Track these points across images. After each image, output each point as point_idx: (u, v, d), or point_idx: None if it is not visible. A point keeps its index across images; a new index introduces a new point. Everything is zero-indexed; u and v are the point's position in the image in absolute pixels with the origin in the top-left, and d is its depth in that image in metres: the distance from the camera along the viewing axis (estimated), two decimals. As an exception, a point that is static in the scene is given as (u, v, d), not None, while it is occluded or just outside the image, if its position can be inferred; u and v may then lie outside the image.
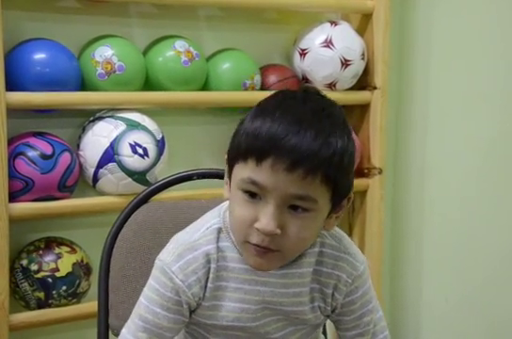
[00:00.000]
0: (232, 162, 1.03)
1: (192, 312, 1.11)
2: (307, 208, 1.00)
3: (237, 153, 1.01)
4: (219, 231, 1.10)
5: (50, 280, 1.88)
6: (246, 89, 2.14)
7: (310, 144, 0.96)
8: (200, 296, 1.08)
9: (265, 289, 1.09)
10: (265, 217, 0.98)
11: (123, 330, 1.13)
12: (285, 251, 1.02)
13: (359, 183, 2.42)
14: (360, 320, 1.15)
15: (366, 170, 2.42)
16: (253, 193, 1.00)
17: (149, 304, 1.08)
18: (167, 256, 1.09)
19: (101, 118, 1.97)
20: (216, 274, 1.08)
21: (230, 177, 1.05)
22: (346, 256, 1.13)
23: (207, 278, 1.08)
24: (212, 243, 1.08)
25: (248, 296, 1.09)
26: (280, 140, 0.96)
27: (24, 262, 1.89)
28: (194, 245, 1.09)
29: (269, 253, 1.01)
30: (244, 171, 1.00)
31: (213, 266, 1.08)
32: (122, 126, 1.95)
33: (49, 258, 1.90)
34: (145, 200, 1.48)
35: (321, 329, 1.24)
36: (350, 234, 2.48)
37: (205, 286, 1.08)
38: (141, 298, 1.10)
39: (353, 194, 1.10)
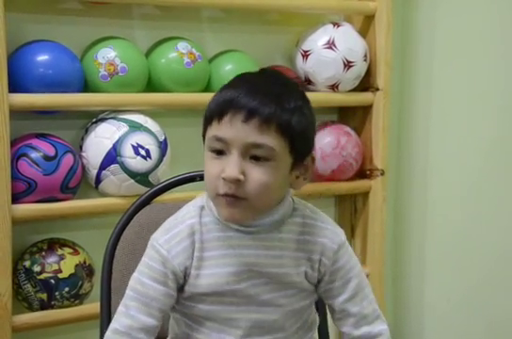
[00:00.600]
0: (203, 134, 1.17)
1: (184, 284, 1.18)
2: (266, 157, 1.10)
3: (205, 122, 1.15)
4: (202, 208, 1.20)
5: (53, 281, 1.89)
6: (248, 91, 2.14)
7: (261, 99, 1.10)
8: (187, 265, 1.17)
9: (249, 252, 1.17)
10: (229, 166, 1.10)
11: None
12: (252, 199, 1.11)
13: (361, 184, 2.42)
14: (348, 284, 1.22)
15: (368, 172, 2.42)
16: (219, 150, 1.12)
17: (139, 276, 1.19)
18: (156, 233, 1.20)
19: (103, 119, 1.97)
20: (202, 245, 1.17)
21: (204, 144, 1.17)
22: (327, 226, 1.22)
23: (193, 248, 1.17)
24: (195, 217, 1.19)
25: (233, 259, 1.17)
26: (235, 99, 1.10)
27: (27, 263, 1.90)
28: (179, 220, 1.20)
29: (237, 203, 1.11)
30: (210, 132, 1.13)
31: (197, 236, 1.17)
32: (125, 128, 1.95)
33: (52, 259, 1.90)
34: (147, 201, 1.48)
35: (311, 307, 1.28)
36: (352, 236, 2.48)
37: (192, 256, 1.17)
38: (134, 273, 1.20)
39: (315, 154, 1.20)
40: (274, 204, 1.17)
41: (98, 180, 1.96)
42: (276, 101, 1.10)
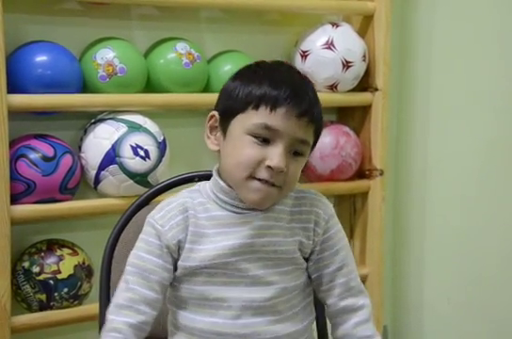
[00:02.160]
0: (230, 114, 1.21)
1: (177, 258, 1.23)
2: (302, 153, 1.21)
3: (244, 103, 1.18)
4: (196, 192, 1.27)
5: (52, 282, 1.89)
6: (247, 91, 2.13)
7: (310, 101, 1.20)
8: (180, 238, 1.22)
9: (243, 229, 1.22)
10: (277, 157, 1.16)
11: None
12: (284, 188, 1.20)
13: (360, 184, 2.42)
14: (337, 255, 1.27)
15: (367, 172, 2.42)
16: (264, 138, 1.17)
17: (136, 251, 1.24)
18: (152, 212, 1.26)
19: (102, 120, 1.97)
20: (197, 221, 1.22)
21: (223, 129, 1.22)
22: (319, 197, 1.30)
23: (187, 222, 1.22)
24: (187, 197, 1.25)
25: (228, 236, 1.22)
26: (292, 93, 1.17)
27: (26, 264, 1.89)
28: (173, 200, 1.26)
29: (272, 189, 1.18)
30: (255, 118, 1.18)
31: (191, 212, 1.23)
32: (124, 128, 1.95)
33: (51, 260, 1.90)
34: (146, 202, 1.48)
35: (311, 298, 1.31)
36: (352, 236, 2.48)
37: (186, 230, 1.22)
38: (133, 250, 1.25)
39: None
40: None
41: (97, 180, 1.96)
42: (317, 105, 1.23)
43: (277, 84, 1.18)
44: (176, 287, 1.25)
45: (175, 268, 1.24)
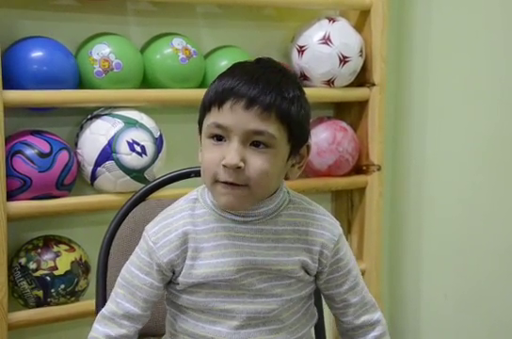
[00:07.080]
0: (200, 123, 1.18)
1: (177, 276, 1.19)
2: (267, 143, 1.12)
3: (203, 111, 1.16)
4: (195, 201, 1.22)
5: (48, 278, 1.88)
6: (244, 87, 2.13)
7: (262, 88, 1.11)
8: (172, 256, 1.18)
9: (243, 243, 1.18)
10: (230, 153, 1.11)
11: None
12: (251, 186, 1.12)
13: (357, 179, 2.42)
14: (350, 274, 1.25)
15: (365, 167, 2.42)
16: (219, 136, 1.13)
17: (129, 264, 1.23)
18: (149, 224, 1.23)
19: (98, 116, 1.97)
20: (196, 236, 1.18)
21: (200, 140, 1.19)
22: (326, 218, 1.25)
23: (185, 239, 1.18)
24: (187, 210, 1.21)
25: (228, 250, 1.18)
26: (235, 87, 1.12)
27: (23, 260, 1.89)
28: (171, 213, 1.22)
29: (237, 189, 1.12)
30: (209, 119, 1.14)
31: (190, 228, 1.19)
32: (120, 124, 1.94)
33: (47, 256, 1.90)
34: (143, 197, 1.48)
35: (311, 301, 1.29)
36: (349, 231, 2.48)
37: (183, 246, 1.18)
38: (126, 262, 1.24)
39: (311, 143, 1.21)
40: (271, 192, 1.19)
41: (93, 176, 1.95)
42: (276, 90, 1.12)
43: (226, 80, 1.13)
44: (175, 295, 1.23)
45: (172, 282, 1.22)
